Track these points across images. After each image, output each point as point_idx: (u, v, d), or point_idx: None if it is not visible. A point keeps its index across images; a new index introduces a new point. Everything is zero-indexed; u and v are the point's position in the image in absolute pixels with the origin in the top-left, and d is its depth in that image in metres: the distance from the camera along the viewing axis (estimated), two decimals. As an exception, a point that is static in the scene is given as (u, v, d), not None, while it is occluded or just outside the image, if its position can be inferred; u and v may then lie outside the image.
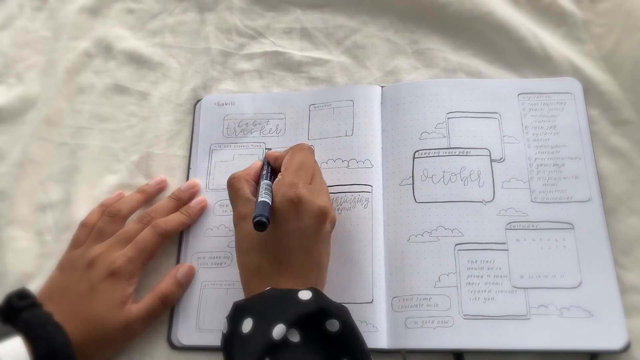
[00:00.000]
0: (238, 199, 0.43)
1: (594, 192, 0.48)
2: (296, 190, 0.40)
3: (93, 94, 0.59)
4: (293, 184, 0.41)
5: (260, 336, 0.36)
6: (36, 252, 0.51)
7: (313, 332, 0.37)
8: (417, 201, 0.49)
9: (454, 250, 0.47)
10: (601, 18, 0.57)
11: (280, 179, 0.43)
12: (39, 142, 0.56)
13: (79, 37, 0.61)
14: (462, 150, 0.50)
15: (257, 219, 0.39)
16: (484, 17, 0.57)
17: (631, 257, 0.47)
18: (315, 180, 0.44)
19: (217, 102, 0.56)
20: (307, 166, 0.44)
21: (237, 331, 0.37)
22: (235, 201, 0.44)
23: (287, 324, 0.36)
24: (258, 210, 0.39)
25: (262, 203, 0.40)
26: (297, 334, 0.36)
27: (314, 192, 0.42)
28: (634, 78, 0.52)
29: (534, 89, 0.53)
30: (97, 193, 0.53)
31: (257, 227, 0.39)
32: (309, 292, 0.38)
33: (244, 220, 0.42)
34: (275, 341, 0.35)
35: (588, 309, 0.44)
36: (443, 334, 0.44)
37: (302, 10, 0.61)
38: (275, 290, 0.39)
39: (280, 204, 0.40)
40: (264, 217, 0.39)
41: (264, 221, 0.39)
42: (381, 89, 0.54)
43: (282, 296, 0.38)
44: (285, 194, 0.40)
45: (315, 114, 0.54)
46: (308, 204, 0.40)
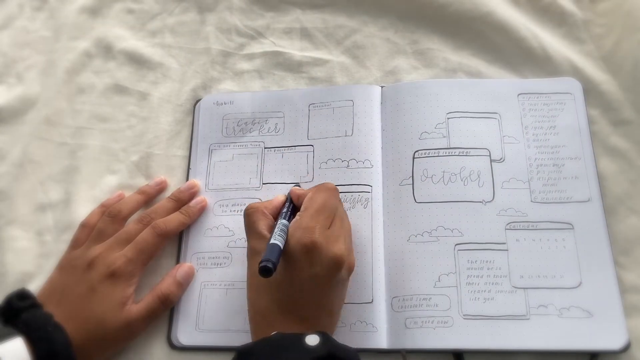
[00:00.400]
0: (252, 234, 0.42)
1: (594, 192, 0.48)
2: (311, 236, 0.39)
3: (93, 94, 0.59)
4: (309, 228, 0.40)
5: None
6: (36, 252, 0.51)
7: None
8: (417, 201, 0.49)
9: (454, 250, 0.47)
10: (601, 18, 0.57)
11: (297, 220, 0.41)
12: (39, 142, 0.56)
13: (79, 37, 0.61)
14: (462, 150, 0.50)
15: (262, 264, 0.37)
16: (484, 17, 0.57)
17: (631, 257, 0.47)
18: (335, 224, 0.42)
19: (216, 101, 0.56)
20: (328, 209, 0.42)
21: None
22: (249, 235, 0.43)
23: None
24: (266, 255, 0.38)
25: (271, 246, 0.39)
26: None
27: (330, 238, 0.40)
28: (634, 78, 0.52)
29: (534, 89, 0.53)
30: (97, 193, 0.53)
31: (262, 273, 0.37)
32: (316, 336, 0.37)
33: (256, 257, 0.41)
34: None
35: (588, 309, 0.44)
36: (443, 334, 0.44)
37: (302, 10, 0.61)
38: (283, 335, 0.37)
39: (294, 248, 0.39)
40: (270, 262, 0.37)
41: (269, 267, 0.37)
42: (381, 89, 0.54)
43: (289, 342, 0.37)
44: (300, 239, 0.39)
45: (314, 113, 0.54)
46: (323, 251, 0.39)
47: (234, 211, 0.51)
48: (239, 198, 0.51)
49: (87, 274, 0.45)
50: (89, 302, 0.43)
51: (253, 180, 0.52)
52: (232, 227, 0.50)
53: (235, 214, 0.51)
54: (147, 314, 0.45)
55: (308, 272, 0.39)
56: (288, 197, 0.46)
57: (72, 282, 0.45)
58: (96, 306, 0.43)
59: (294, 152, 0.52)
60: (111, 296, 0.44)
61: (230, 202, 0.51)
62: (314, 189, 0.45)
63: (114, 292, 0.44)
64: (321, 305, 0.41)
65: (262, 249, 0.39)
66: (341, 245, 0.40)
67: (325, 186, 0.45)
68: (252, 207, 0.44)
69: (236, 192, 0.51)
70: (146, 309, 0.45)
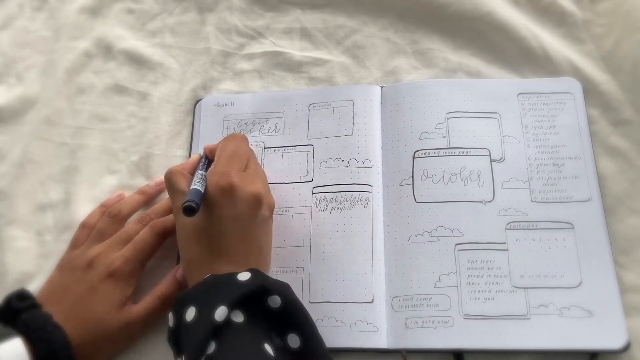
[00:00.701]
0: (174, 193, 0.44)
1: (594, 192, 0.48)
2: (228, 178, 0.41)
3: (93, 94, 0.59)
4: (225, 172, 0.41)
5: (203, 322, 0.36)
6: (36, 252, 0.51)
7: (256, 310, 0.38)
8: (417, 201, 0.49)
9: (454, 250, 0.47)
10: (601, 18, 0.57)
11: (212, 168, 0.43)
12: (39, 142, 0.56)
13: (79, 37, 0.61)
14: (462, 150, 0.50)
15: (185, 204, 0.39)
16: (484, 17, 0.57)
17: (631, 257, 0.47)
18: (250, 167, 0.44)
19: (217, 103, 0.56)
20: (240, 154, 0.44)
21: (182, 321, 0.37)
22: (172, 196, 0.44)
23: (228, 306, 0.36)
24: (188, 197, 0.40)
25: (192, 191, 0.41)
26: (241, 314, 0.37)
27: (247, 179, 0.42)
28: (634, 78, 0.52)
29: (534, 88, 0.53)
30: (97, 193, 0.53)
31: (186, 213, 0.39)
32: (247, 273, 0.39)
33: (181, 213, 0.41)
34: (219, 323, 0.36)
35: (588, 309, 0.44)
36: (443, 334, 0.44)
37: (302, 10, 0.61)
38: (215, 276, 0.39)
39: (212, 192, 0.41)
40: (193, 202, 0.39)
41: (192, 206, 0.39)
42: (381, 89, 0.54)
43: (222, 281, 0.38)
44: (217, 182, 0.41)
45: (314, 113, 0.54)
46: (240, 190, 0.41)
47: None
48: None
49: (86, 274, 0.45)
50: (88, 302, 0.43)
51: (253, 180, 0.52)
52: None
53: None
54: (146, 315, 0.45)
55: (229, 212, 0.41)
56: (203, 154, 0.48)
57: (72, 282, 0.45)
58: (95, 306, 0.43)
59: (294, 152, 0.52)
60: (111, 296, 0.44)
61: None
62: (223, 139, 0.47)
63: (114, 293, 0.44)
64: (248, 244, 0.42)
65: None
66: (258, 184, 0.43)
67: (233, 135, 0.47)
68: (170, 171, 0.45)
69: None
70: (146, 309, 0.45)
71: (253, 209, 0.42)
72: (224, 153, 0.44)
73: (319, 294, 0.46)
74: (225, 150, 0.44)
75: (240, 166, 0.43)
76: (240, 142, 0.46)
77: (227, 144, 0.45)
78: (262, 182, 0.45)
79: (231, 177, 0.41)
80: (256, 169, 0.45)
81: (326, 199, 0.50)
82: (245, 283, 0.38)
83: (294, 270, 0.48)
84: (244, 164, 0.44)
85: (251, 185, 0.42)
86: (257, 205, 0.42)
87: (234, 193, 0.41)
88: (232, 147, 0.45)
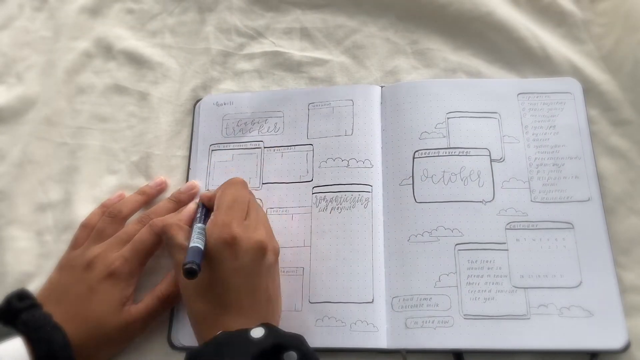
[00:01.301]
0: (173, 248, 0.42)
1: (594, 192, 0.48)
2: (230, 230, 0.39)
3: (93, 94, 0.59)
4: (226, 224, 0.40)
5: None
6: (36, 252, 0.51)
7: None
8: (417, 201, 0.49)
9: (454, 250, 0.47)
10: (601, 18, 0.57)
11: (212, 219, 0.42)
12: (39, 142, 0.56)
13: (79, 37, 0.61)
14: (462, 150, 0.50)
15: (186, 266, 0.37)
16: (484, 17, 0.57)
17: (631, 257, 0.47)
18: (251, 214, 0.43)
19: (216, 102, 0.56)
20: (240, 202, 0.43)
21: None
22: (171, 251, 0.43)
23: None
24: (187, 258, 0.38)
25: (192, 250, 0.38)
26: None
27: (249, 228, 0.41)
28: (634, 78, 0.52)
29: (534, 88, 0.53)
30: (97, 193, 0.53)
31: (187, 276, 0.37)
32: (261, 329, 0.37)
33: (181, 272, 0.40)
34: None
35: (588, 309, 0.44)
36: (443, 334, 0.44)
37: (302, 10, 0.61)
38: (227, 334, 0.37)
39: (214, 245, 0.39)
40: (193, 264, 0.37)
41: (193, 269, 0.37)
42: (381, 89, 0.54)
43: (235, 339, 0.37)
44: (219, 236, 0.39)
45: (314, 112, 0.54)
46: (243, 242, 0.39)
47: (234, 211, 0.51)
48: (239, 198, 0.51)
49: (86, 274, 0.45)
50: (88, 302, 0.43)
51: (253, 180, 0.52)
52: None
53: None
54: (146, 315, 0.45)
55: (234, 264, 0.39)
56: (199, 203, 0.46)
57: (72, 282, 0.45)
58: (95, 306, 0.43)
59: (294, 152, 0.52)
60: (110, 296, 0.44)
61: (230, 202, 0.51)
62: (221, 187, 0.45)
63: (113, 293, 0.44)
64: (256, 295, 0.41)
65: None
66: (261, 232, 0.41)
67: (232, 181, 0.46)
68: (167, 224, 0.43)
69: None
70: (146, 309, 0.45)
71: (258, 258, 0.40)
72: (223, 202, 0.43)
73: (319, 294, 0.46)
74: (224, 199, 0.43)
75: (241, 215, 0.42)
76: (239, 189, 0.45)
77: (225, 191, 0.44)
78: (265, 228, 0.43)
79: (232, 229, 0.40)
80: (257, 215, 0.44)
81: (326, 198, 0.50)
82: (259, 340, 0.36)
83: (294, 270, 0.48)
84: (244, 212, 0.42)
85: (254, 234, 0.40)
86: (261, 254, 0.40)
87: (236, 245, 0.39)
88: (231, 194, 0.43)
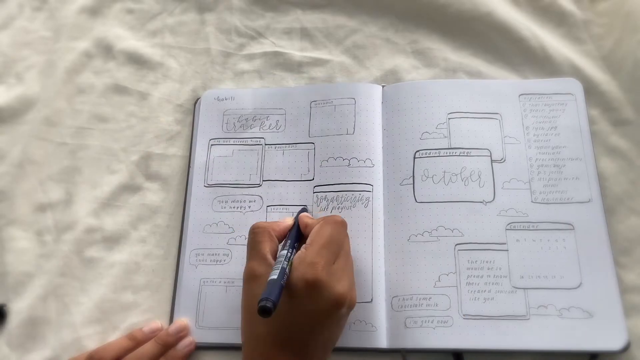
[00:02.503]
0: (255, 254, 0.41)
1: (595, 193, 0.48)
2: (315, 273, 0.38)
3: (93, 94, 0.59)
4: (313, 264, 0.39)
5: None
6: (36, 252, 0.51)
7: None
8: (418, 201, 0.49)
9: (454, 250, 0.47)
10: (601, 18, 0.57)
11: (302, 253, 0.40)
12: (38, 142, 0.56)
13: (78, 37, 0.61)
14: (462, 151, 0.50)
15: (262, 303, 0.36)
16: (484, 17, 0.57)
17: (631, 257, 0.47)
18: (340, 260, 0.41)
19: (217, 97, 0.56)
20: (334, 244, 0.41)
21: None
22: (251, 253, 0.42)
23: None
24: (266, 293, 0.36)
25: (272, 283, 0.37)
26: None
27: (334, 276, 0.39)
28: (634, 78, 0.52)
29: (535, 89, 0.53)
30: (97, 193, 0.53)
31: (261, 313, 0.36)
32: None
33: (254, 281, 0.40)
34: None
35: (588, 310, 0.44)
36: (443, 334, 0.44)
37: (302, 10, 0.61)
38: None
39: (296, 282, 0.38)
40: (270, 302, 0.36)
41: (268, 307, 0.35)
42: (382, 88, 0.54)
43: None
44: (303, 275, 0.38)
45: (316, 110, 0.54)
46: (325, 289, 0.38)
47: (233, 208, 0.51)
48: (239, 194, 0.51)
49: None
50: None
51: (253, 176, 0.52)
52: (231, 224, 0.50)
53: (235, 210, 0.50)
54: None
55: (309, 308, 0.39)
56: (296, 223, 0.45)
57: None
58: None
59: (295, 150, 0.52)
60: None
61: (229, 199, 0.51)
62: (322, 221, 0.43)
63: None
64: (319, 341, 0.40)
65: (262, 273, 0.39)
66: (344, 283, 0.40)
67: (334, 219, 0.44)
68: (260, 227, 0.43)
69: (236, 188, 0.51)
70: None
71: (333, 309, 0.39)
72: (318, 238, 0.41)
73: (319, 294, 0.46)
74: (320, 235, 0.41)
75: (331, 258, 0.40)
76: (338, 229, 0.43)
77: (324, 227, 0.42)
78: (349, 279, 0.41)
79: (318, 272, 0.38)
80: (346, 263, 0.42)
81: (327, 198, 0.50)
82: None
83: (294, 270, 0.48)
84: (335, 255, 0.41)
85: (338, 284, 0.39)
86: (338, 307, 0.39)
87: (317, 290, 0.38)
88: (327, 233, 0.42)
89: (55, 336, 0.48)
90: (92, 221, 0.52)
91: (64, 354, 0.47)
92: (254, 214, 0.50)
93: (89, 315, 0.49)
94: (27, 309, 0.49)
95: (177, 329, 0.47)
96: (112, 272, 0.50)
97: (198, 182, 0.52)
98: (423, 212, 0.48)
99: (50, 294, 0.50)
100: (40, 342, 0.48)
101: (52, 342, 0.48)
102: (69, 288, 0.50)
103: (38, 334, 0.48)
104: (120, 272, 0.50)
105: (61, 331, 0.48)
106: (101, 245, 0.51)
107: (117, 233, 0.52)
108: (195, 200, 0.51)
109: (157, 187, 0.54)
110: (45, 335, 0.48)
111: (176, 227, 0.52)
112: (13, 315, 0.49)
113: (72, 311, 0.49)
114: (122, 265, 0.51)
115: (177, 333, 0.46)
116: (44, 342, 0.48)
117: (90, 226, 0.52)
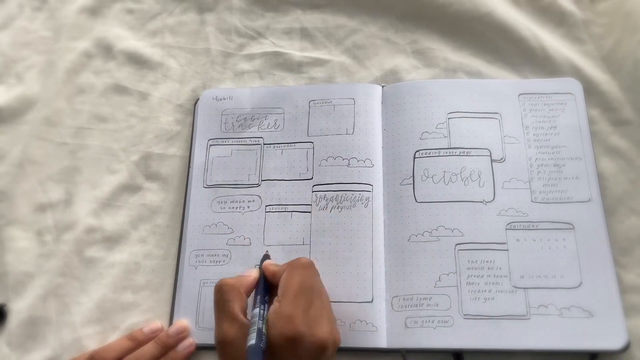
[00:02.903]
0: (224, 314, 0.40)
1: (594, 193, 0.48)
2: (294, 327, 0.37)
3: (93, 94, 0.59)
4: (290, 317, 0.38)
5: None
6: (36, 252, 0.51)
7: None
8: (418, 201, 0.49)
9: (454, 250, 0.47)
10: (601, 18, 0.57)
11: (277, 307, 0.39)
12: (38, 142, 0.56)
13: (78, 37, 0.61)
14: (462, 151, 0.50)
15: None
16: (484, 17, 0.57)
17: (631, 257, 0.47)
18: (315, 303, 0.40)
19: (216, 96, 0.56)
20: (306, 289, 0.40)
21: None
22: (220, 315, 0.40)
23: None
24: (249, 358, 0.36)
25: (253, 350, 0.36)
26: None
27: (313, 322, 0.38)
28: (634, 78, 0.52)
29: (535, 89, 0.53)
30: (97, 193, 0.53)
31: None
32: None
33: (229, 346, 0.38)
34: None
35: (588, 309, 0.44)
36: (443, 334, 0.44)
37: (302, 10, 0.61)
38: None
39: (276, 340, 0.37)
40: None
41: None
42: (382, 88, 0.54)
43: None
44: (282, 331, 0.37)
45: (315, 110, 0.54)
46: (307, 340, 0.37)
47: (232, 208, 0.51)
48: (238, 195, 0.51)
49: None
50: None
51: (252, 176, 0.52)
52: (230, 225, 0.50)
53: (234, 211, 0.50)
54: None
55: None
56: (261, 275, 0.44)
57: None
58: None
59: (294, 149, 0.52)
60: None
61: (228, 199, 0.51)
62: (288, 268, 0.42)
63: None
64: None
65: (235, 336, 0.38)
66: (324, 327, 0.39)
67: (300, 263, 0.43)
68: (226, 284, 0.41)
69: (234, 188, 0.51)
70: None
71: (319, 356, 0.38)
72: (289, 288, 0.40)
73: (319, 294, 0.46)
74: (290, 284, 0.40)
75: (307, 305, 0.39)
76: (307, 273, 0.42)
77: (293, 275, 0.41)
78: (328, 320, 0.40)
79: (297, 325, 0.37)
80: (322, 303, 0.41)
81: (326, 197, 0.50)
82: None
83: (294, 270, 0.48)
84: (310, 301, 0.40)
85: (318, 330, 0.38)
86: (323, 352, 0.38)
87: (299, 343, 0.37)
88: (298, 280, 0.41)
89: (55, 336, 0.48)
90: (92, 221, 0.52)
91: (64, 354, 0.47)
92: (253, 214, 0.50)
93: (89, 315, 0.49)
94: (27, 309, 0.49)
95: (177, 330, 0.47)
96: (112, 272, 0.50)
97: (197, 183, 0.52)
98: (423, 212, 0.48)
99: (50, 294, 0.50)
100: (40, 342, 0.48)
101: (52, 342, 0.48)
102: (69, 288, 0.50)
103: (38, 334, 0.48)
104: (120, 272, 0.50)
105: (61, 331, 0.48)
106: (101, 245, 0.51)
107: (117, 233, 0.52)
108: (195, 201, 0.51)
109: (157, 187, 0.54)
110: (45, 335, 0.48)
111: (176, 227, 0.52)
112: (13, 315, 0.49)
113: (72, 311, 0.49)
114: (122, 265, 0.51)
115: (177, 334, 0.46)
116: (44, 342, 0.48)
117: (90, 226, 0.52)
